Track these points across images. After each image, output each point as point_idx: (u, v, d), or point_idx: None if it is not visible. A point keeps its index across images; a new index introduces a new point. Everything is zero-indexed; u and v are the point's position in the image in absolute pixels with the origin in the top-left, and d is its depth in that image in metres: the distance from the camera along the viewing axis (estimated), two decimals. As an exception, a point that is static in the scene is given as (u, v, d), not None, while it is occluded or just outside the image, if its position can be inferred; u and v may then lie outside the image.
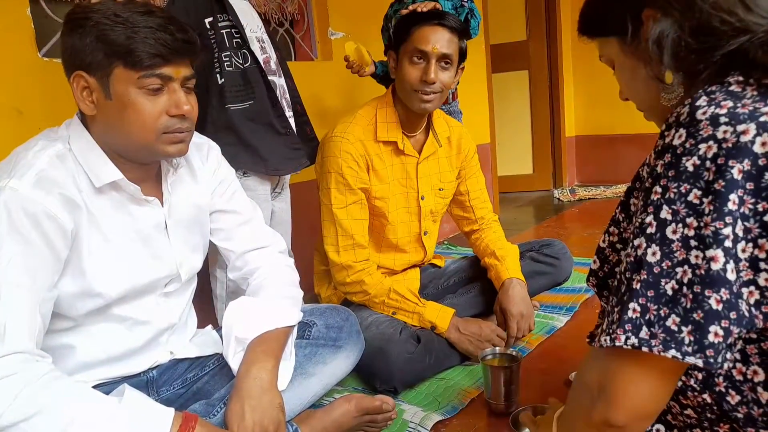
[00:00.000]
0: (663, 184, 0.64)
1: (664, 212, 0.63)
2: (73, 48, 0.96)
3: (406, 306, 1.60)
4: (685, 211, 0.62)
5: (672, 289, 0.62)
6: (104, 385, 1.09)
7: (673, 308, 0.62)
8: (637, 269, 0.64)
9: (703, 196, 0.60)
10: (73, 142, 1.01)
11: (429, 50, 1.53)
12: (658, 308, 0.62)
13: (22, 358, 0.87)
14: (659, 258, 0.63)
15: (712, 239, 0.60)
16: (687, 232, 0.61)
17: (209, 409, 1.10)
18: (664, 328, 0.62)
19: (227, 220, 1.27)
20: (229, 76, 1.57)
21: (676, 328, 0.61)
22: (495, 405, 1.38)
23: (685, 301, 0.61)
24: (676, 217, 0.62)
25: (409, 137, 1.70)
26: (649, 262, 0.63)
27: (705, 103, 0.63)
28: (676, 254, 0.62)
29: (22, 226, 0.90)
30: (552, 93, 4.47)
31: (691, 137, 0.62)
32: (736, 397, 0.69)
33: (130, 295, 1.09)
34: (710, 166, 0.60)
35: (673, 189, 0.63)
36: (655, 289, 0.63)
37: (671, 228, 0.62)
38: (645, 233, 0.64)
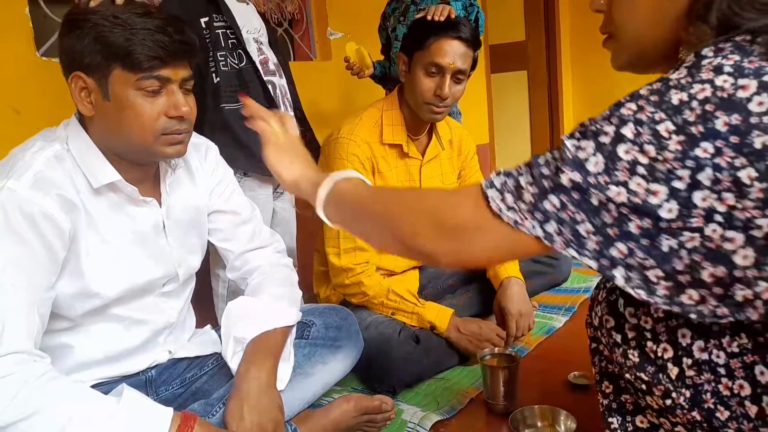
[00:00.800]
0: (639, 104, 0.61)
1: (626, 129, 0.60)
2: (71, 49, 0.96)
3: (405, 306, 1.60)
4: (648, 138, 0.59)
5: (599, 201, 0.61)
6: (103, 384, 1.09)
7: (591, 218, 0.61)
8: (572, 168, 0.62)
9: (675, 133, 0.58)
10: (71, 142, 1.01)
11: (445, 65, 1.53)
12: (576, 212, 0.62)
13: (20, 358, 0.87)
14: (600, 170, 0.61)
15: (662, 175, 0.58)
16: (640, 158, 0.59)
17: (208, 408, 1.09)
18: (574, 231, 0.62)
19: (226, 221, 1.26)
20: (224, 75, 1.57)
21: (585, 235, 0.62)
22: (494, 405, 1.37)
23: (607, 216, 0.60)
24: (637, 139, 0.59)
25: (414, 140, 1.70)
26: (588, 169, 0.61)
27: (712, 54, 0.61)
28: (618, 174, 0.60)
29: (20, 226, 0.90)
30: (551, 93, 4.47)
31: (689, 75, 0.60)
32: (726, 413, 0.68)
33: (128, 296, 1.09)
34: (696, 107, 0.58)
35: (647, 112, 0.60)
36: (582, 194, 0.61)
37: (625, 147, 0.60)
38: (596, 139, 0.62)
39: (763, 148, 0.54)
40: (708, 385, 0.69)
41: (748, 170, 0.55)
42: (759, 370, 0.67)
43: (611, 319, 0.80)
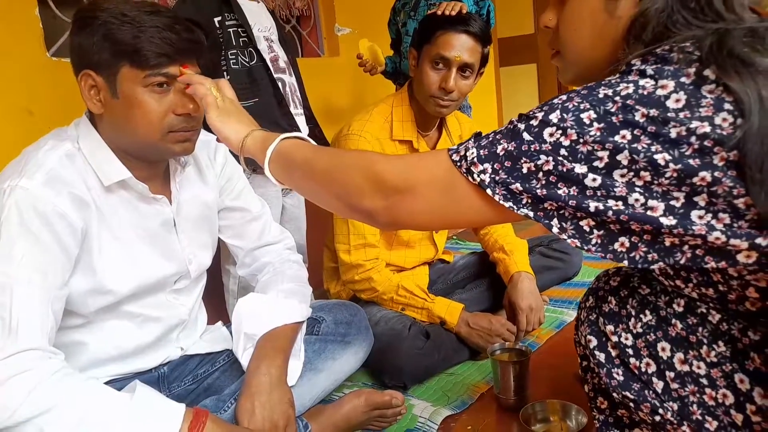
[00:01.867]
0: (569, 95, 0.67)
1: (553, 115, 0.66)
2: (80, 47, 0.97)
3: (415, 302, 1.60)
4: (571, 123, 0.64)
5: (528, 169, 0.66)
6: (116, 381, 1.10)
7: (522, 183, 0.66)
8: (508, 138, 0.68)
9: (596, 121, 0.63)
10: (82, 141, 1.02)
11: (451, 57, 1.52)
12: (508, 177, 0.67)
13: (34, 355, 0.88)
14: (529, 139, 0.66)
15: (583, 156, 0.63)
16: (562, 140, 0.64)
17: (220, 404, 1.10)
18: (508, 189, 0.67)
19: (235, 218, 1.27)
20: (234, 74, 1.58)
21: (517, 192, 0.67)
22: (504, 400, 1.37)
23: (536, 183, 0.66)
24: (561, 123, 0.65)
25: (424, 136, 1.70)
26: (523, 137, 0.67)
27: (639, 62, 0.66)
28: (544, 147, 0.65)
29: (33, 225, 0.91)
30: (560, 86, 4.44)
31: (619, 78, 0.65)
32: (714, 423, 0.68)
33: (141, 293, 1.10)
34: (618, 101, 0.63)
35: (574, 101, 0.65)
36: (513, 161, 0.67)
37: (550, 131, 0.65)
38: (527, 120, 0.68)
39: (678, 137, 0.60)
40: (693, 396, 0.70)
41: (663, 154, 0.60)
42: (738, 378, 0.67)
43: (593, 339, 0.82)
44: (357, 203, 0.76)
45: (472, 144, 0.71)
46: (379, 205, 0.74)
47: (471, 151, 0.70)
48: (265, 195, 1.54)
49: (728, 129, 0.58)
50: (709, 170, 0.59)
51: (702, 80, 0.61)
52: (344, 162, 0.80)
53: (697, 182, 0.59)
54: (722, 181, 0.59)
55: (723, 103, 0.59)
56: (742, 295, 0.67)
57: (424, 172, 0.73)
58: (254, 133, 0.91)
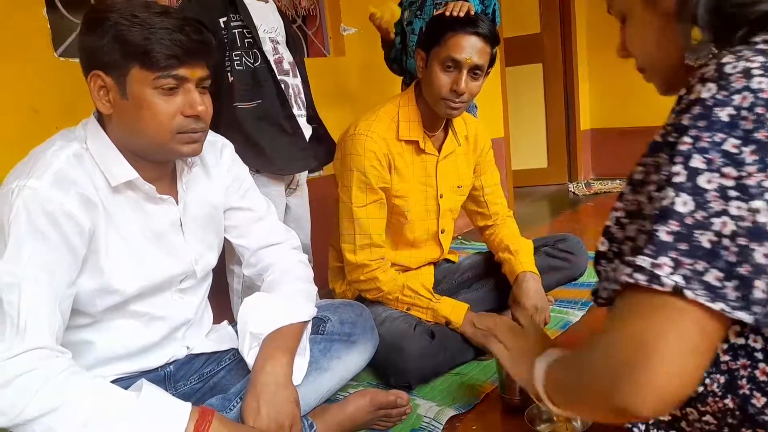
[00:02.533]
0: (693, 134, 0.59)
1: (695, 161, 0.57)
2: (90, 47, 0.97)
3: (420, 302, 1.60)
4: (721, 161, 0.57)
5: (710, 241, 0.56)
6: (122, 380, 1.10)
7: (712, 262, 0.56)
8: (664, 220, 0.58)
9: (743, 145, 0.56)
10: (90, 141, 1.03)
11: (462, 60, 1.52)
12: (694, 262, 0.56)
13: (42, 354, 0.89)
14: (692, 208, 0.57)
15: (756, 190, 0.55)
16: (725, 182, 0.56)
17: (225, 403, 1.11)
18: (705, 284, 0.56)
19: (241, 218, 1.27)
20: (238, 75, 1.58)
21: (718, 284, 0.56)
22: (509, 400, 1.37)
23: (727, 254, 0.56)
24: (711, 165, 0.57)
25: (430, 136, 1.70)
26: (680, 212, 0.57)
27: (733, 60, 0.60)
28: (712, 205, 0.56)
29: (41, 224, 0.92)
30: (566, 86, 4.43)
31: (723, 89, 0.59)
32: (762, 400, 0.66)
33: (147, 292, 1.10)
34: (748, 116, 0.57)
35: (706, 138, 0.58)
36: (688, 241, 0.57)
37: (705, 177, 0.57)
38: (672, 183, 0.58)
39: None
40: (744, 370, 0.68)
41: None
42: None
43: None
44: (617, 403, 0.61)
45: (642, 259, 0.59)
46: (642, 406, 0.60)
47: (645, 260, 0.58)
48: (268, 194, 1.54)
49: None
50: None
51: None
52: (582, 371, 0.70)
53: None
54: None
55: None
56: None
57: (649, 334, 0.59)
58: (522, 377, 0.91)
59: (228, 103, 1.58)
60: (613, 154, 4.58)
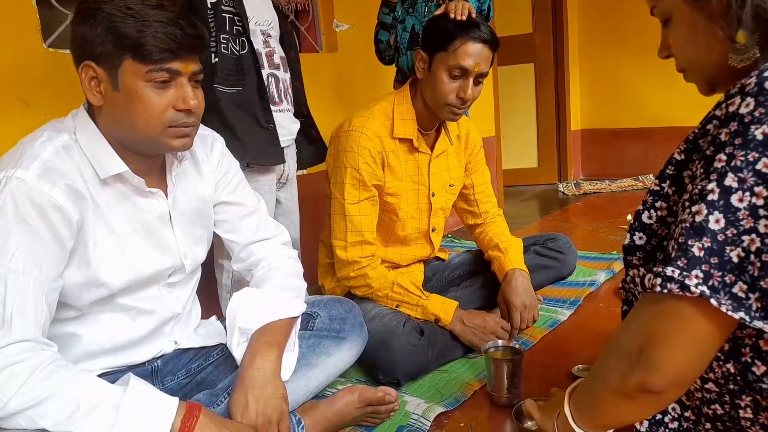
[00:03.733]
0: (728, 152, 0.62)
1: (728, 180, 0.61)
2: (83, 38, 0.96)
3: (410, 299, 1.61)
4: (753, 180, 0.60)
5: (738, 257, 0.60)
6: (109, 374, 1.10)
7: (739, 276, 0.60)
8: (697, 236, 0.62)
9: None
10: (79, 133, 1.02)
11: (470, 68, 1.52)
12: (723, 275, 0.61)
13: (28, 346, 0.88)
14: (723, 225, 0.61)
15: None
16: (756, 201, 0.59)
17: (213, 398, 1.11)
18: (730, 294, 0.61)
19: (231, 212, 1.27)
20: (222, 58, 1.57)
21: (743, 295, 0.61)
22: (497, 397, 1.38)
23: (752, 269, 0.60)
24: (743, 185, 0.60)
25: (424, 135, 1.70)
26: (712, 229, 0.61)
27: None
28: (743, 222, 0.60)
29: (28, 215, 0.91)
30: (558, 86, 4.45)
31: (761, 106, 0.60)
32: (762, 368, 0.68)
33: (135, 286, 1.10)
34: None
35: (740, 157, 0.60)
36: (719, 256, 0.61)
37: (737, 196, 0.60)
38: (706, 200, 0.62)
39: None
40: (749, 339, 0.69)
41: None
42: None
43: None
44: (630, 386, 0.70)
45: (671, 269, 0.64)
46: (657, 390, 0.68)
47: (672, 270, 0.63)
48: (258, 188, 1.54)
49: None
50: None
51: None
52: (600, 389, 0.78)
53: None
54: None
55: None
56: None
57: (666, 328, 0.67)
58: None
59: (208, 83, 1.57)
60: (602, 154, 4.61)
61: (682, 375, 0.67)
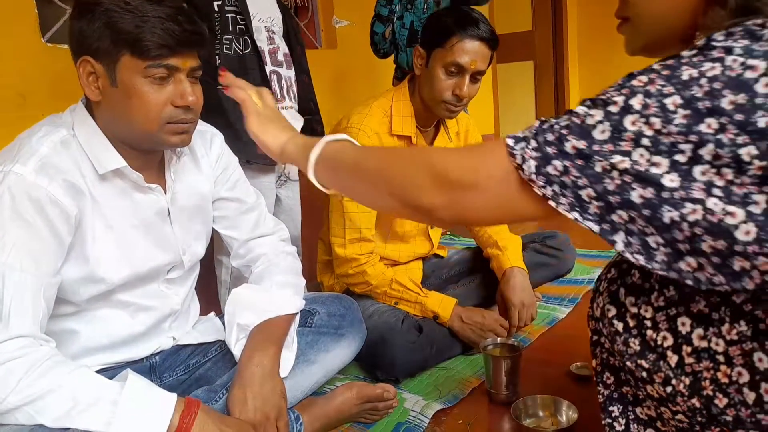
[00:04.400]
0: (651, 77, 0.62)
1: (635, 100, 0.61)
2: (81, 33, 0.96)
3: (408, 296, 1.61)
4: (655, 110, 0.60)
5: (603, 168, 0.61)
6: (107, 370, 1.09)
7: (593, 184, 0.62)
8: (578, 135, 0.63)
9: (682, 107, 0.59)
10: (77, 128, 1.01)
11: (466, 65, 1.51)
12: (578, 177, 0.63)
13: (25, 342, 0.88)
14: (606, 138, 0.62)
15: (666, 148, 0.59)
16: (645, 130, 0.60)
17: (211, 395, 1.10)
18: (576, 195, 0.63)
19: (230, 208, 1.27)
20: (226, 59, 1.57)
21: (587, 200, 0.63)
22: (496, 395, 1.38)
23: (610, 183, 0.61)
24: (644, 111, 0.60)
25: (423, 132, 1.69)
26: (594, 137, 0.62)
27: (723, 37, 0.61)
28: (623, 144, 0.61)
29: (26, 211, 0.90)
30: (557, 83, 4.45)
31: (701, 55, 0.61)
32: (724, 400, 0.68)
33: (133, 282, 1.09)
34: (704, 84, 0.58)
35: (657, 84, 0.61)
36: (585, 160, 0.62)
37: (632, 118, 0.61)
38: (605, 108, 0.63)
39: (766, 127, 0.55)
40: (707, 372, 0.70)
41: (749, 148, 0.56)
42: (757, 357, 0.67)
43: (613, 308, 0.81)
44: (415, 200, 0.72)
45: (532, 148, 0.66)
46: (439, 202, 0.70)
47: (530, 155, 0.65)
48: (258, 185, 1.53)
49: None
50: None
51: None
52: (399, 158, 0.77)
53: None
54: None
55: None
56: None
57: (487, 166, 0.69)
58: (295, 138, 0.89)
59: (212, 84, 1.56)
60: (601, 152, 4.61)
61: (474, 221, 0.72)
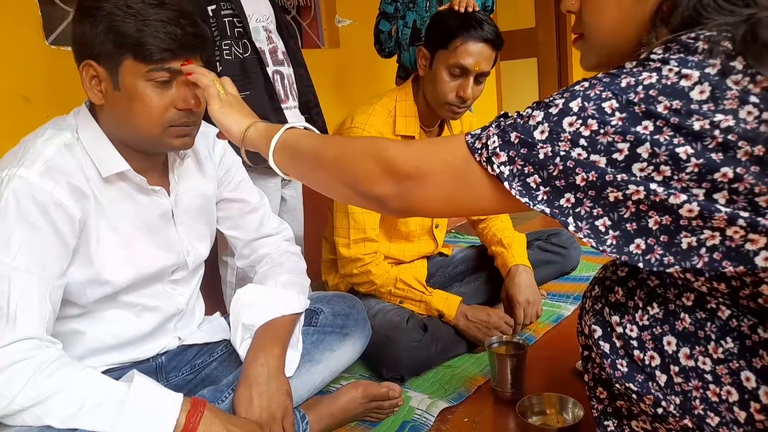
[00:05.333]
0: (591, 82, 0.65)
1: (574, 103, 0.64)
2: (83, 36, 0.96)
3: (413, 295, 1.61)
4: (592, 112, 0.63)
5: (545, 155, 0.65)
6: (114, 370, 1.10)
7: (538, 170, 0.65)
8: (522, 133, 0.66)
9: (618, 111, 0.62)
10: (81, 131, 1.02)
11: (470, 67, 1.51)
12: (524, 165, 0.66)
13: (32, 344, 0.88)
14: (544, 138, 0.65)
15: (603, 147, 0.62)
16: (582, 130, 0.63)
17: (217, 395, 1.11)
18: (523, 182, 0.66)
19: (234, 209, 1.27)
20: (227, 65, 1.56)
21: (534, 186, 0.66)
22: (501, 393, 1.38)
23: (553, 168, 0.64)
24: (582, 113, 0.63)
25: (426, 132, 1.69)
26: (534, 137, 0.65)
27: (660, 51, 0.65)
28: (560, 144, 0.64)
29: (31, 214, 0.91)
30: (561, 81, 4.44)
31: (640, 65, 0.64)
32: (716, 419, 0.68)
33: (138, 283, 1.10)
34: (640, 91, 0.62)
35: (596, 89, 0.64)
36: (528, 149, 0.66)
37: (570, 120, 0.64)
38: (546, 110, 0.66)
39: (701, 130, 0.58)
40: (696, 391, 0.70)
41: (685, 147, 0.59)
42: (744, 376, 0.67)
43: (598, 329, 0.81)
44: (367, 190, 0.75)
45: (493, 131, 0.69)
46: (390, 192, 0.73)
47: (492, 139, 0.68)
48: (263, 186, 1.53)
49: (752, 123, 0.57)
50: (732, 166, 0.57)
51: (728, 71, 0.59)
52: (354, 148, 0.78)
53: (719, 178, 0.58)
54: (744, 178, 0.57)
55: (749, 95, 0.58)
56: (755, 292, 0.65)
57: (438, 157, 0.71)
58: (257, 124, 0.91)
59: None
60: (606, 149, 4.59)
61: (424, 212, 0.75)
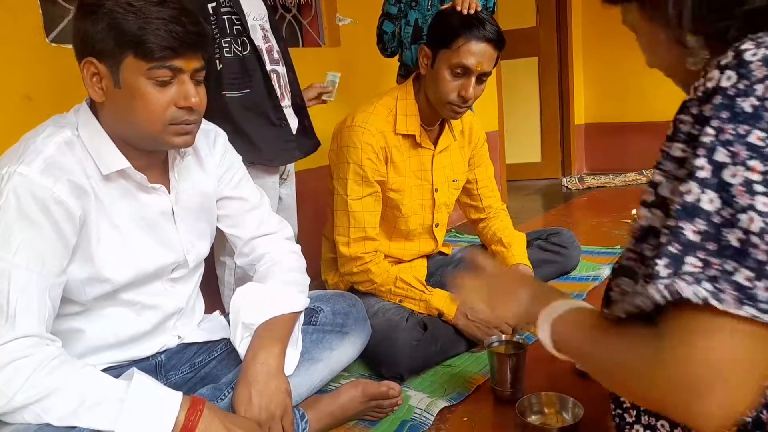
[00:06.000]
0: (716, 126, 0.57)
1: (719, 155, 0.55)
2: (84, 34, 0.96)
3: (413, 294, 1.61)
4: (746, 154, 0.54)
5: (739, 240, 0.53)
6: (113, 368, 1.10)
7: (742, 262, 0.53)
8: (689, 218, 0.56)
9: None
10: (82, 128, 1.02)
11: (472, 67, 1.51)
12: (723, 262, 0.54)
13: (32, 341, 0.88)
14: (719, 206, 0.55)
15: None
16: (751, 176, 0.54)
17: (217, 393, 1.11)
18: (735, 284, 0.53)
19: (234, 207, 1.27)
20: (227, 63, 1.56)
21: (749, 284, 0.53)
22: (501, 392, 1.38)
23: (756, 252, 0.53)
24: (736, 159, 0.55)
25: (427, 131, 1.69)
26: (706, 210, 0.55)
27: (753, 46, 0.58)
28: (739, 200, 0.54)
29: (31, 211, 0.91)
30: (561, 80, 4.43)
31: (744, 78, 0.57)
32: None
33: (138, 281, 1.10)
34: None
35: (729, 130, 0.56)
36: (716, 241, 0.54)
37: (730, 171, 0.55)
38: (696, 178, 0.56)
39: None
40: None
41: None
42: None
43: None
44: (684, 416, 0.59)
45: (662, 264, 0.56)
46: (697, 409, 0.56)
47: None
48: (262, 185, 1.53)
49: None
50: None
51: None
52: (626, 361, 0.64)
53: None
54: None
55: None
56: None
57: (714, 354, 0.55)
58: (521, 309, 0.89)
59: (216, 91, 1.56)
60: (606, 149, 4.59)
61: (737, 412, 0.55)
